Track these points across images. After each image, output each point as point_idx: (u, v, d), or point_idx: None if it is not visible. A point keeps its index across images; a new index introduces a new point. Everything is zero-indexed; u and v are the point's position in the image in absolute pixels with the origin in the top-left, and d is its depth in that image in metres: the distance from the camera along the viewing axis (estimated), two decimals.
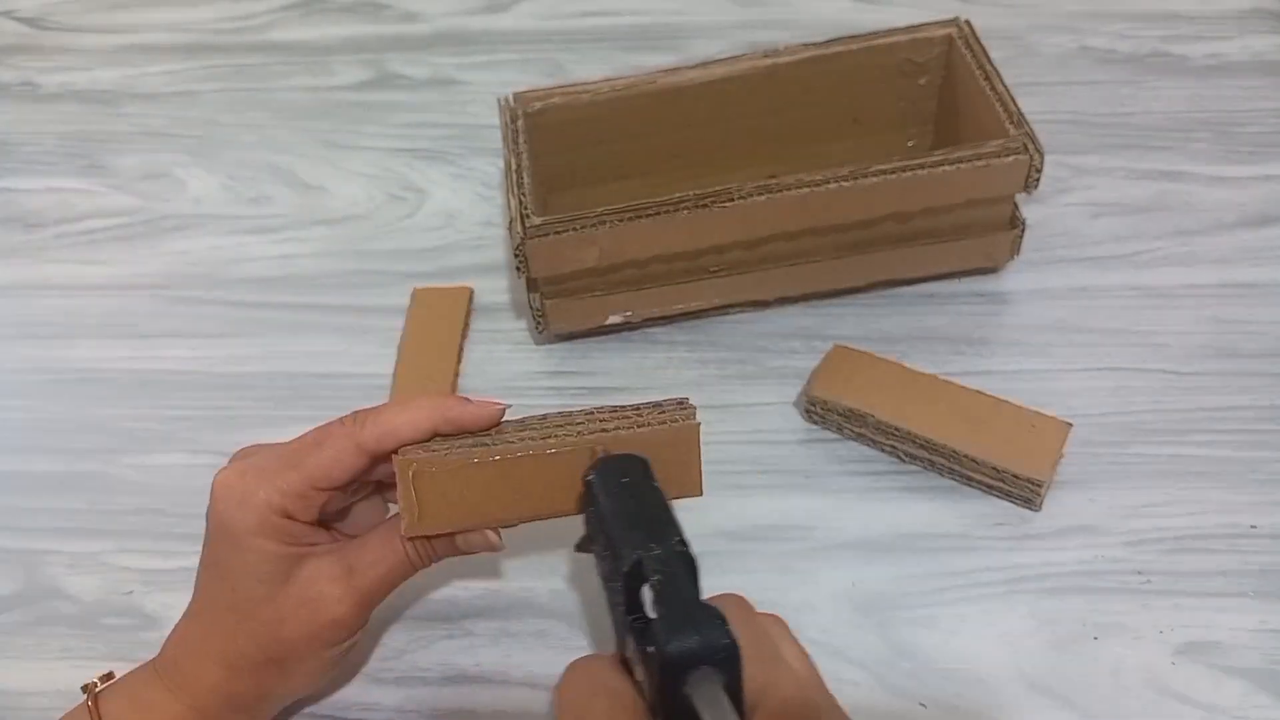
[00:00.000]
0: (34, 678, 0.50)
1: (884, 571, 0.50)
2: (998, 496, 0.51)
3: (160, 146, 0.74)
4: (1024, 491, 0.50)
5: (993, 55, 0.59)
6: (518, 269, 0.55)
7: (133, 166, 0.73)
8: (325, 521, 0.44)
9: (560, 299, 0.57)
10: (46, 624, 0.51)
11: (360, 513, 0.46)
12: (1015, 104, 0.56)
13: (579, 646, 0.49)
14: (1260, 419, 0.54)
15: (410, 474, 0.40)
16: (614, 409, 0.43)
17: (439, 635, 0.50)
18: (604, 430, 0.41)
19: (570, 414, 0.43)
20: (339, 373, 0.60)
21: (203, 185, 0.71)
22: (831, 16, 0.78)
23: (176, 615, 0.51)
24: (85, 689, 0.43)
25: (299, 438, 0.42)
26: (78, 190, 0.72)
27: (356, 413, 0.42)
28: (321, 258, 0.66)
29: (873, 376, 0.54)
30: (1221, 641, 0.46)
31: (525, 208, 0.54)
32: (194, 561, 0.52)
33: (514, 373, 0.59)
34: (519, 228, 0.53)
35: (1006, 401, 0.52)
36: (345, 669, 0.48)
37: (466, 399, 0.42)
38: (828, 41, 0.61)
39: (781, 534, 0.51)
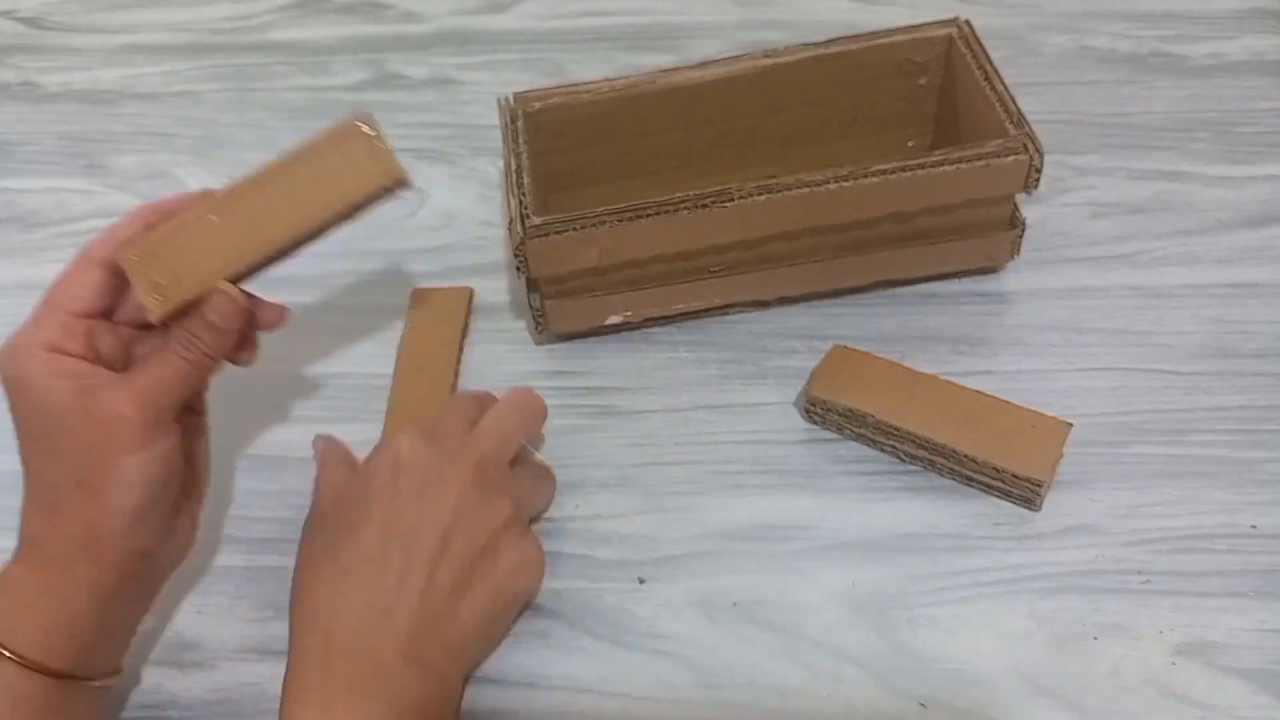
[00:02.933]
0: None
1: (884, 571, 0.50)
2: (998, 496, 0.51)
3: (160, 146, 0.74)
4: (1024, 491, 0.50)
5: (993, 55, 0.59)
6: (518, 269, 0.55)
7: (133, 166, 0.73)
8: (115, 363, 0.46)
9: (560, 299, 0.57)
10: None
11: (158, 371, 0.47)
12: (1015, 104, 0.56)
13: (579, 646, 0.49)
14: (1260, 419, 0.54)
15: (132, 259, 0.44)
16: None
17: None
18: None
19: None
20: (339, 373, 0.60)
21: (202, 185, 0.70)
22: (831, 16, 0.78)
23: (176, 615, 0.51)
24: None
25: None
26: (78, 190, 0.72)
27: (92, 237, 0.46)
28: (321, 258, 0.66)
29: (873, 376, 0.54)
30: (1221, 641, 0.46)
31: (525, 208, 0.54)
32: (194, 561, 0.53)
33: (514, 373, 0.59)
34: (519, 228, 0.53)
35: (1006, 401, 0.52)
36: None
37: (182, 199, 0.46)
38: (828, 41, 0.61)
39: (781, 534, 0.51)
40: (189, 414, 0.48)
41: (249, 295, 0.47)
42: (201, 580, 0.52)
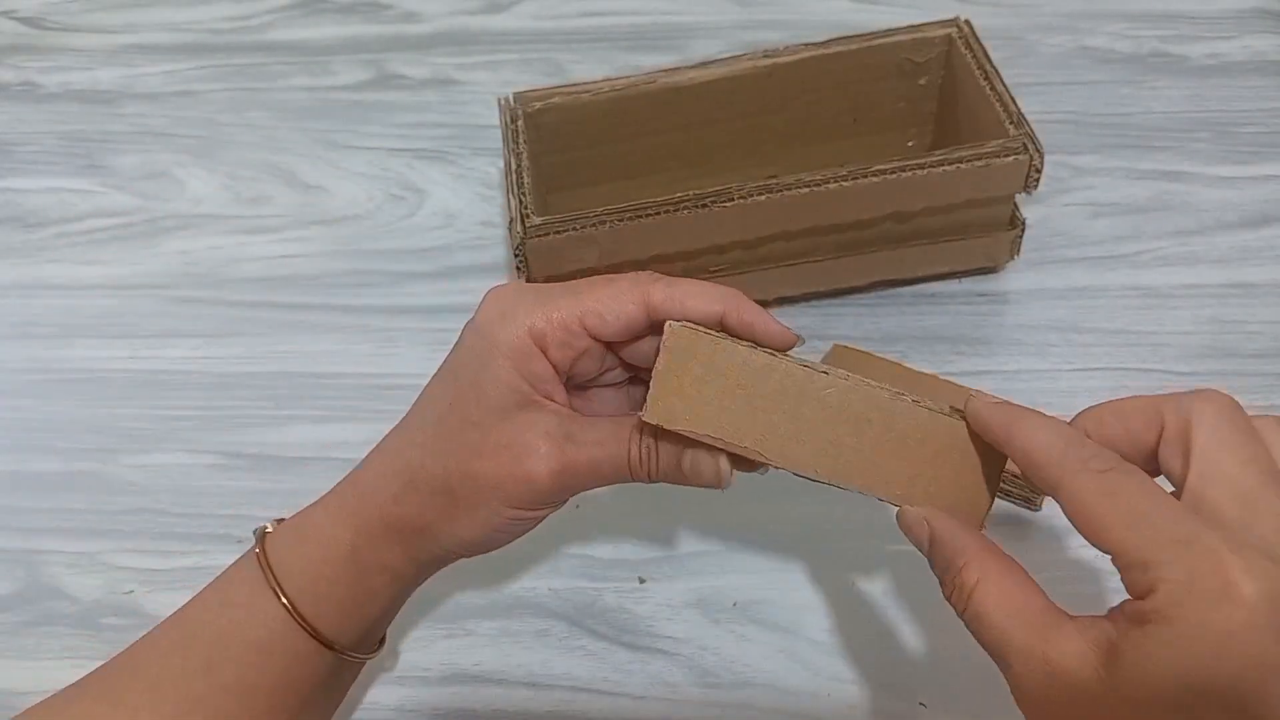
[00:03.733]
0: (34, 677, 0.50)
1: (884, 571, 0.50)
2: (998, 496, 0.51)
3: (160, 146, 0.74)
4: (1023, 491, 0.50)
5: (993, 55, 0.59)
6: (518, 269, 0.55)
7: (133, 166, 0.73)
8: (574, 382, 0.41)
9: None
10: (46, 624, 0.51)
11: (601, 400, 0.42)
12: (1015, 104, 0.56)
13: (579, 646, 0.49)
14: None
15: (672, 341, 0.36)
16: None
17: (439, 635, 0.50)
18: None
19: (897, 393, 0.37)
20: (339, 373, 0.60)
21: (203, 185, 0.71)
22: (831, 16, 0.78)
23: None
24: (255, 532, 0.41)
25: (587, 277, 0.40)
26: (78, 190, 0.72)
27: (651, 274, 0.39)
28: (321, 258, 0.66)
29: (872, 376, 0.54)
30: None
31: (525, 208, 0.54)
32: (195, 561, 0.53)
33: None
34: (519, 228, 0.53)
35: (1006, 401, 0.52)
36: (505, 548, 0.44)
37: (761, 310, 0.39)
38: (828, 41, 0.61)
39: (782, 534, 0.51)
40: None
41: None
42: (201, 580, 0.52)
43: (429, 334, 0.61)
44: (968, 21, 0.61)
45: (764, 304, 0.60)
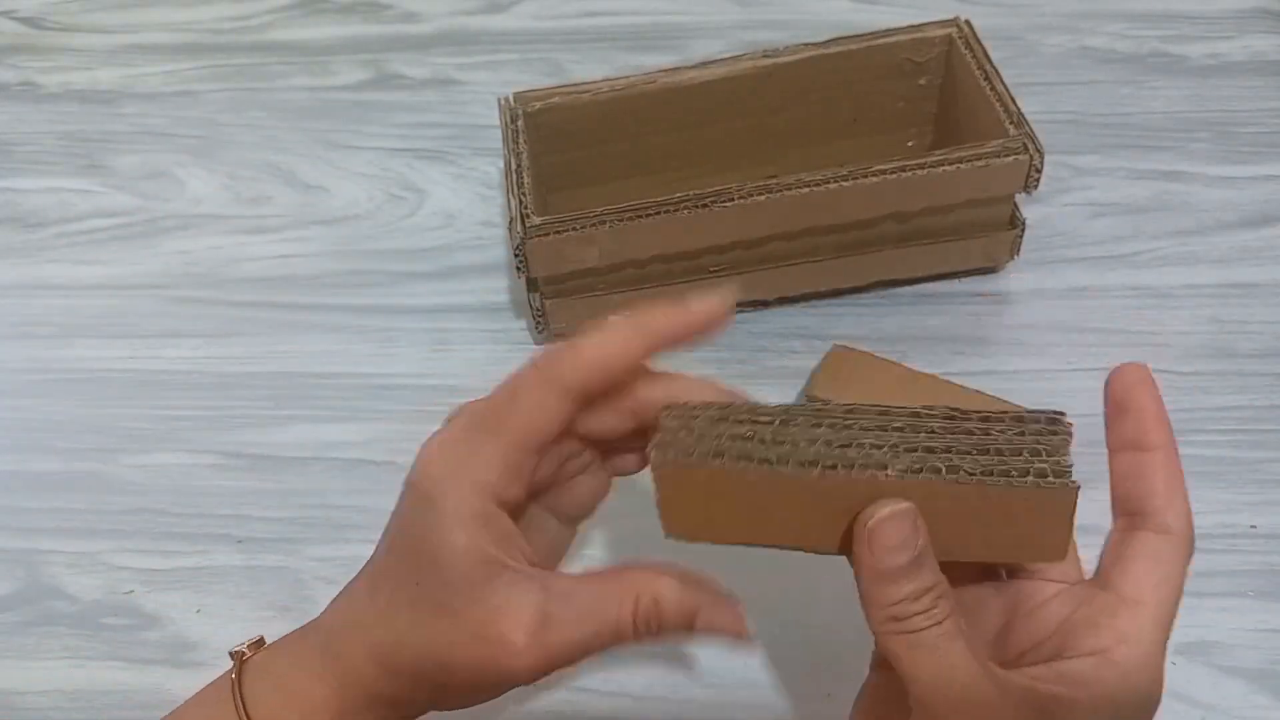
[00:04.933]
0: (34, 678, 0.50)
1: None
2: None
3: (160, 146, 0.74)
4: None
5: (993, 55, 0.59)
6: (518, 269, 0.55)
7: (133, 166, 0.73)
8: (537, 492, 0.38)
9: (560, 299, 0.57)
10: (46, 624, 0.51)
11: (582, 489, 0.39)
12: (1015, 104, 0.56)
13: None
14: (1260, 419, 0.54)
15: (660, 479, 0.34)
16: (949, 416, 0.32)
17: None
18: (936, 473, 0.31)
19: (886, 413, 0.32)
20: (339, 373, 0.60)
21: (203, 185, 0.71)
22: (831, 16, 0.78)
23: (177, 615, 0.51)
24: (233, 655, 0.38)
25: (491, 395, 0.36)
26: (78, 190, 0.72)
27: (545, 350, 0.35)
28: (321, 258, 0.66)
29: (873, 376, 0.54)
30: (1221, 641, 0.46)
31: (525, 208, 0.54)
32: (194, 561, 0.53)
33: None
34: (519, 228, 0.53)
35: (1006, 402, 0.52)
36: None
37: (682, 310, 0.35)
38: (828, 41, 0.61)
39: None
40: None
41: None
42: (201, 580, 0.52)
43: (429, 334, 0.61)
44: (968, 22, 0.61)
45: (764, 304, 0.60)
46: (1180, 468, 0.34)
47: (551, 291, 0.57)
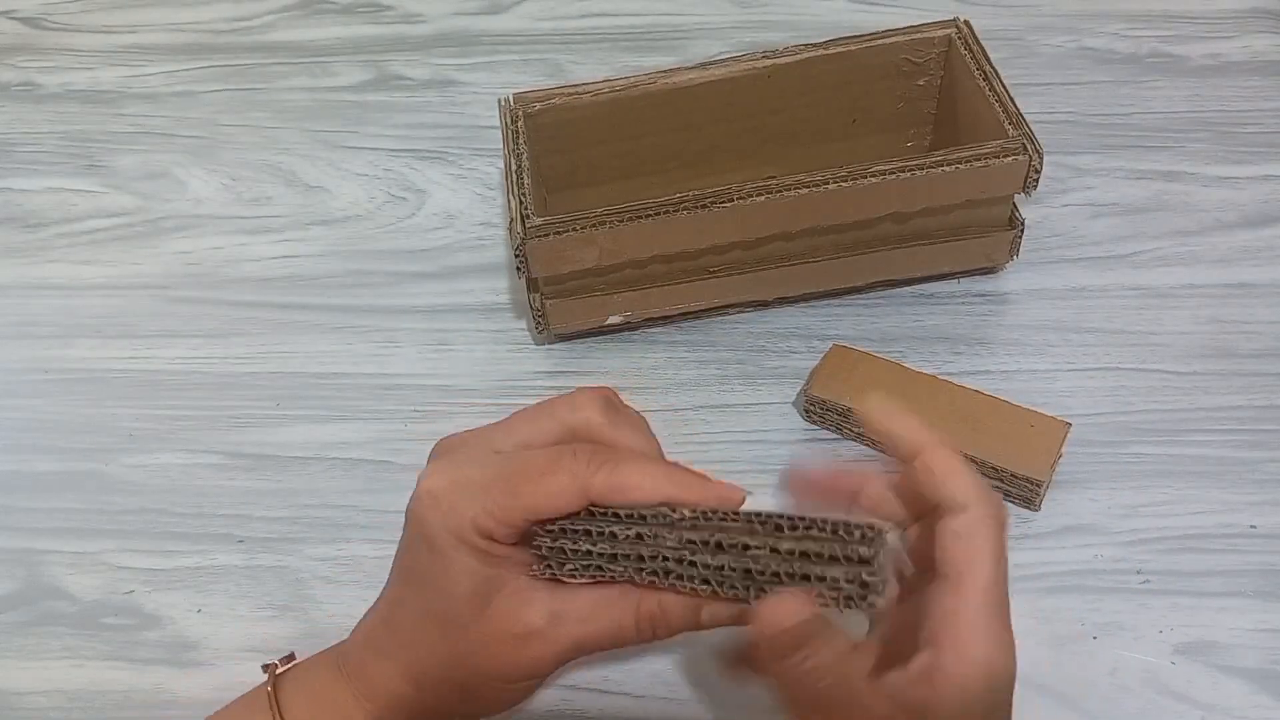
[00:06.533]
0: (34, 677, 0.50)
1: None
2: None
3: (160, 146, 0.74)
4: (1023, 491, 0.50)
5: (992, 55, 0.59)
6: (518, 269, 0.55)
7: (133, 166, 0.73)
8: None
9: (560, 299, 0.57)
10: (46, 624, 0.51)
11: None
12: (1014, 104, 0.56)
13: None
14: (1259, 419, 0.54)
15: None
16: (796, 529, 0.34)
17: None
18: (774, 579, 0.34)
19: (749, 523, 0.35)
20: (339, 373, 0.60)
21: (203, 185, 0.71)
22: (831, 16, 0.78)
23: (177, 615, 0.51)
24: (265, 669, 0.40)
25: (519, 457, 0.37)
26: (78, 190, 0.72)
27: (591, 450, 0.37)
28: (321, 258, 0.66)
29: (872, 376, 0.54)
30: (1221, 641, 0.46)
31: (525, 208, 0.54)
32: (194, 561, 0.53)
33: (514, 372, 0.59)
34: (519, 228, 0.53)
35: (1004, 401, 0.52)
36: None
37: (705, 479, 0.37)
38: (827, 42, 0.61)
39: None
40: None
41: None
42: (201, 580, 0.52)
43: (429, 334, 0.61)
44: (967, 22, 0.61)
45: (764, 304, 0.60)
46: (953, 453, 0.35)
47: (551, 291, 0.57)
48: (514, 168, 0.56)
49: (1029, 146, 0.54)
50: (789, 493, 0.39)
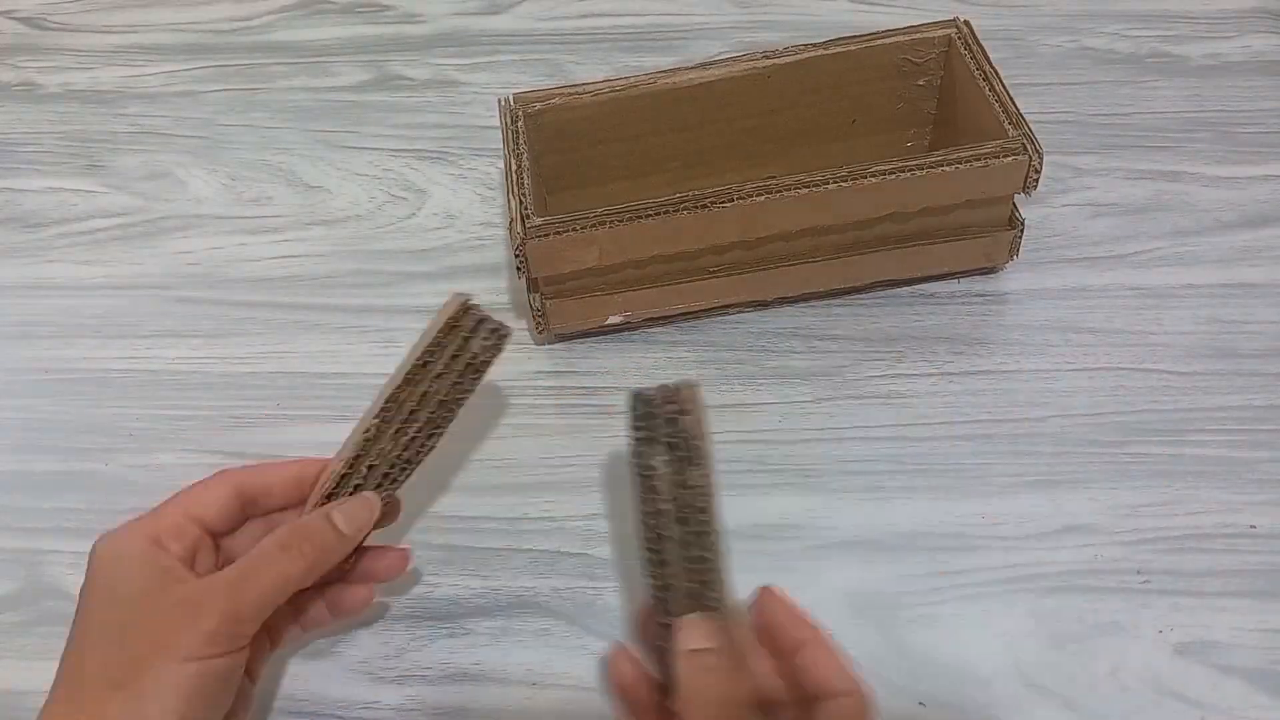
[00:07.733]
0: (34, 678, 0.49)
1: (883, 571, 0.50)
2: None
3: (160, 146, 0.74)
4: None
5: (992, 55, 0.59)
6: (518, 269, 0.55)
7: (133, 166, 0.73)
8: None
9: (560, 299, 0.57)
10: (46, 624, 0.51)
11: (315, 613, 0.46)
12: (1014, 104, 0.56)
13: (579, 645, 0.49)
14: (1259, 419, 0.54)
15: None
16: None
17: (439, 634, 0.50)
18: None
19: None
20: (339, 373, 0.60)
21: (203, 185, 0.71)
22: (831, 16, 0.78)
23: None
24: None
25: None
26: (78, 190, 0.72)
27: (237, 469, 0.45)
28: (321, 258, 0.66)
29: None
30: (1221, 641, 0.47)
31: (525, 208, 0.54)
32: None
33: (514, 372, 0.59)
34: (519, 228, 0.53)
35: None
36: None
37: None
38: (827, 42, 0.61)
39: (781, 534, 0.51)
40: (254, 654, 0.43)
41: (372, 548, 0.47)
42: None
43: None
44: (967, 22, 0.61)
45: (764, 304, 0.60)
46: (830, 646, 0.38)
47: (551, 291, 0.57)
48: (514, 168, 0.56)
49: (1029, 146, 0.54)
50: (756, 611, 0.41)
